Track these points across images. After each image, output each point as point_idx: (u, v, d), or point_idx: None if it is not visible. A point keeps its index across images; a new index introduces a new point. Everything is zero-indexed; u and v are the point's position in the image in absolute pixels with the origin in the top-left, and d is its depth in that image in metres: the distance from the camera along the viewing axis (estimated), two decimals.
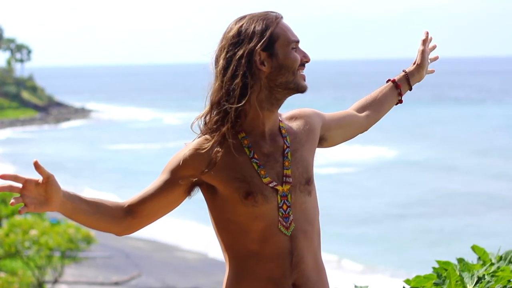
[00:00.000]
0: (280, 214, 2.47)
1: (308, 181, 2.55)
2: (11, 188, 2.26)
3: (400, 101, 2.92)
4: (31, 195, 2.29)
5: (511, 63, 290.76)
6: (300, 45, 2.58)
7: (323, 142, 2.72)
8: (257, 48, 2.49)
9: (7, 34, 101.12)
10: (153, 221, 2.55)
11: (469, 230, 27.51)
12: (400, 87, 2.89)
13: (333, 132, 2.75)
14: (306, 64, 2.57)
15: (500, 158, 44.04)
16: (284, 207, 2.48)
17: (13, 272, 18.43)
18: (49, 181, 2.31)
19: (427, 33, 2.98)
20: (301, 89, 2.54)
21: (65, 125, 77.86)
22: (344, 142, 2.85)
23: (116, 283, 21.52)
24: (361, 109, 2.86)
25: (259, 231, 2.46)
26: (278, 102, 2.55)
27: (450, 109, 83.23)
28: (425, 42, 2.97)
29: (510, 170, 39.95)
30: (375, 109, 2.87)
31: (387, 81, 2.91)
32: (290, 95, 2.56)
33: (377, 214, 30.32)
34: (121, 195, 35.42)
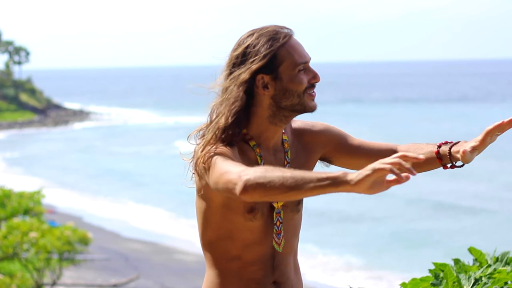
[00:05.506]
0: (274, 231, 2.48)
1: (299, 201, 2.54)
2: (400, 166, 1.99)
3: (445, 167, 2.55)
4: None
5: (511, 65, 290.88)
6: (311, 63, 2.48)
7: (327, 162, 2.66)
8: (259, 71, 2.41)
9: (5, 37, 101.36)
10: None
11: (466, 231, 27.54)
12: (441, 162, 2.54)
13: (342, 156, 2.63)
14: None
15: (500, 157, 44.05)
16: (278, 223, 2.49)
17: (12, 274, 18.40)
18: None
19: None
20: (309, 110, 2.47)
21: (63, 127, 77.84)
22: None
23: (115, 286, 21.49)
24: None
25: (245, 241, 2.46)
26: (287, 119, 2.49)
27: (453, 108, 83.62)
28: (499, 127, 2.48)
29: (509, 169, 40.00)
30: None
31: (438, 145, 2.54)
32: (299, 114, 2.49)
33: (377, 214, 30.32)
34: (121, 195, 35.41)
